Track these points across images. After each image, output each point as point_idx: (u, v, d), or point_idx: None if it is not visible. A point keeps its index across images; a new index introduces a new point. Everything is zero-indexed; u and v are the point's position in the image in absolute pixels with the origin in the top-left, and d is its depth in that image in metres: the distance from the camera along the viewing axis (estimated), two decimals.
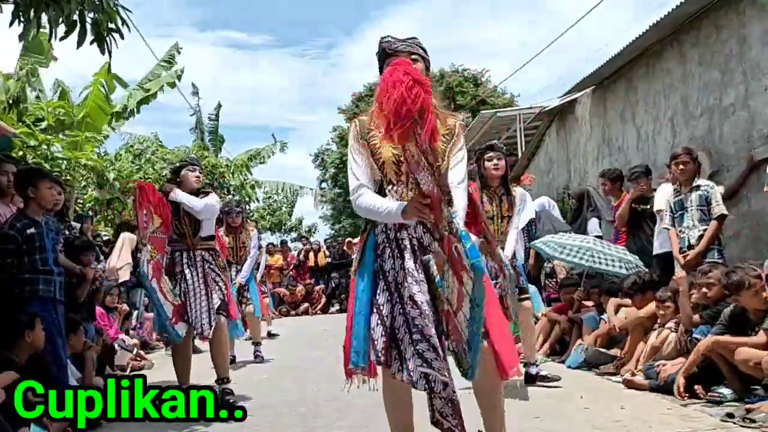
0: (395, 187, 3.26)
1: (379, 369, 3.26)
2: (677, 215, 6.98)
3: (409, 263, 3.17)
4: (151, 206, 5.87)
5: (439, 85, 26.96)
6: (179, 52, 16.37)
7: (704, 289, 5.70)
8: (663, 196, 7.78)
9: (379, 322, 3.17)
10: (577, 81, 13.03)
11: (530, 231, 9.87)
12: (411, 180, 3.15)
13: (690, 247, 6.80)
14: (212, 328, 5.97)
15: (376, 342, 3.15)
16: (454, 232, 2.85)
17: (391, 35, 3.40)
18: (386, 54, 3.35)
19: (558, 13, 56.55)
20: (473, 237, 3.02)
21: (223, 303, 6.19)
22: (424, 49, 3.41)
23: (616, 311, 7.14)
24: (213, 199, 6.31)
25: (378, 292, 3.23)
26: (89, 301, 7.07)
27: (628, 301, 7.06)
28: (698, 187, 6.83)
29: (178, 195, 6.13)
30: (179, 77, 16.11)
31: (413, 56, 3.31)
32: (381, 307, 3.19)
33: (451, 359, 3.15)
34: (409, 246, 3.22)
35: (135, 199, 6.01)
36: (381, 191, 3.29)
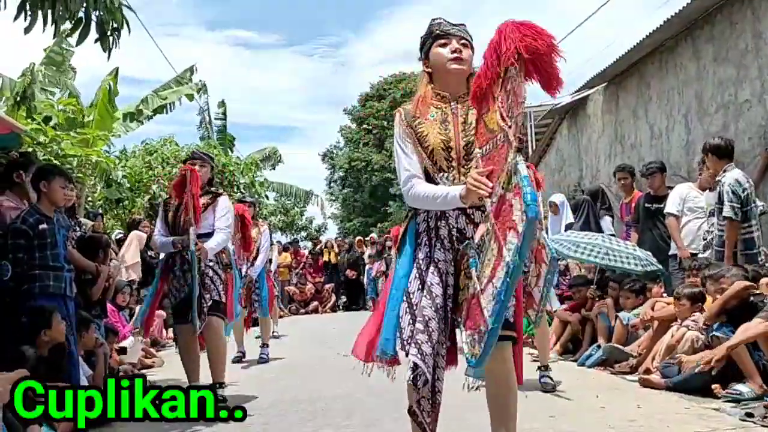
0: (446, 174, 3.18)
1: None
2: (714, 210, 6.77)
3: (438, 253, 3.14)
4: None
5: None
6: (195, 72, 16.66)
7: (718, 296, 5.56)
8: (678, 197, 7.67)
9: (407, 309, 3.13)
10: (589, 78, 12.95)
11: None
12: (463, 163, 3.11)
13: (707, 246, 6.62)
14: (201, 326, 5.86)
15: (403, 330, 3.10)
16: (514, 185, 2.66)
17: (443, 18, 3.32)
18: (435, 36, 3.27)
19: (566, 12, 56.43)
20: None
21: (219, 304, 6.04)
22: (471, 37, 3.33)
23: (653, 307, 6.96)
24: (227, 220, 6.18)
25: (410, 279, 3.19)
26: (101, 299, 7.02)
27: (667, 298, 6.92)
28: (719, 182, 6.54)
29: (209, 248, 5.95)
30: (198, 90, 16.30)
31: (463, 41, 3.26)
32: (411, 295, 3.15)
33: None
34: (446, 235, 3.18)
35: (187, 178, 5.90)
36: (431, 179, 3.22)
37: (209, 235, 6.08)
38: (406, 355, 3.10)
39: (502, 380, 3.17)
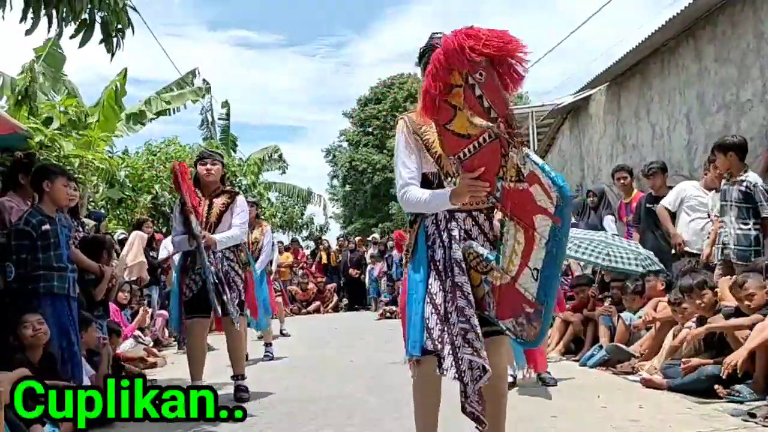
0: (453, 179, 3.28)
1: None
2: (720, 205, 6.72)
3: (457, 254, 3.24)
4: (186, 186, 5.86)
5: None
6: (198, 75, 16.72)
7: (746, 302, 5.44)
8: (677, 194, 7.69)
9: (433, 311, 3.20)
10: (591, 78, 12.93)
11: None
12: (454, 160, 3.19)
13: (723, 244, 6.57)
14: (239, 318, 5.92)
15: (432, 330, 3.17)
16: (527, 176, 2.88)
17: (444, 32, 3.34)
18: (435, 50, 3.31)
19: (566, 12, 56.47)
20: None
21: (241, 301, 6.09)
22: None
23: (655, 308, 6.97)
24: (243, 217, 6.20)
25: (430, 281, 3.27)
26: (104, 299, 7.03)
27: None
28: (741, 181, 6.43)
29: (217, 239, 5.96)
30: (203, 96, 16.34)
31: None
32: (434, 296, 3.22)
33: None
34: (458, 236, 3.29)
35: (175, 176, 5.94)
36: (440, 185, 3.33)
37: None
38: (436, 353, 3.15)
39: (497, 372, 3.30)
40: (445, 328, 3.16)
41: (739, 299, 5.49)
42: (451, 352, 3.12)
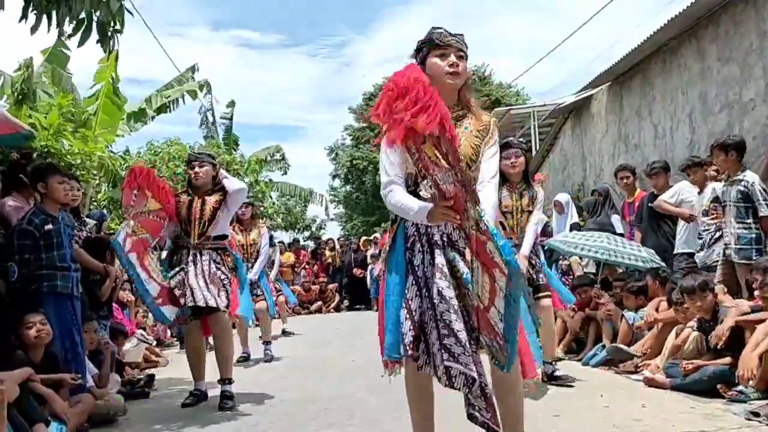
0: (428, 182, 3.21)
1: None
2: (721, 206, 6.74)
3: (439, 258, 3.19)
4: (145, 188, 5.78)
5: None
6: (197, 71, 16.78)
7: None
8: (676, 192, 7.72)
9: (407, 316, 3.17)
10: (593, 77, 12.93)
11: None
12: (431, 179, 3.11)
13: (724, 245, 6.57)
14: (219, 303, 5.78)
15: (404, 336, 3.15)
16: (483, 231, 2.81)
17: (444, 27, 3.35)
18: (434, 44, 3.30)
19: (566, 12, 56.48)
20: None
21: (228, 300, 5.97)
22: (467, 47, 3.38)
23: (657, 308, 6.96)
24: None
25: (407, 286, 3.24)
26: (107, 299, 7.04)
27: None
28: (739, 180, 6.44)
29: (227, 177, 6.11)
30: (201, 88, 16.35)
31: (460, 53, 3.31)
32: (410, 301, 3.20)
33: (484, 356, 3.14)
34: (439, 241, 3.25)
35: (125, 179, 5.93)
36: (416, 185, 3.28)
37: (223, 237, 6.14)
38: (408, 358, 3.16)
39: (510, 386, 3.26)
40: (421, 335, 3.14)
41: (764, 298, 5.45)
42: (425, 351, 3.10)
